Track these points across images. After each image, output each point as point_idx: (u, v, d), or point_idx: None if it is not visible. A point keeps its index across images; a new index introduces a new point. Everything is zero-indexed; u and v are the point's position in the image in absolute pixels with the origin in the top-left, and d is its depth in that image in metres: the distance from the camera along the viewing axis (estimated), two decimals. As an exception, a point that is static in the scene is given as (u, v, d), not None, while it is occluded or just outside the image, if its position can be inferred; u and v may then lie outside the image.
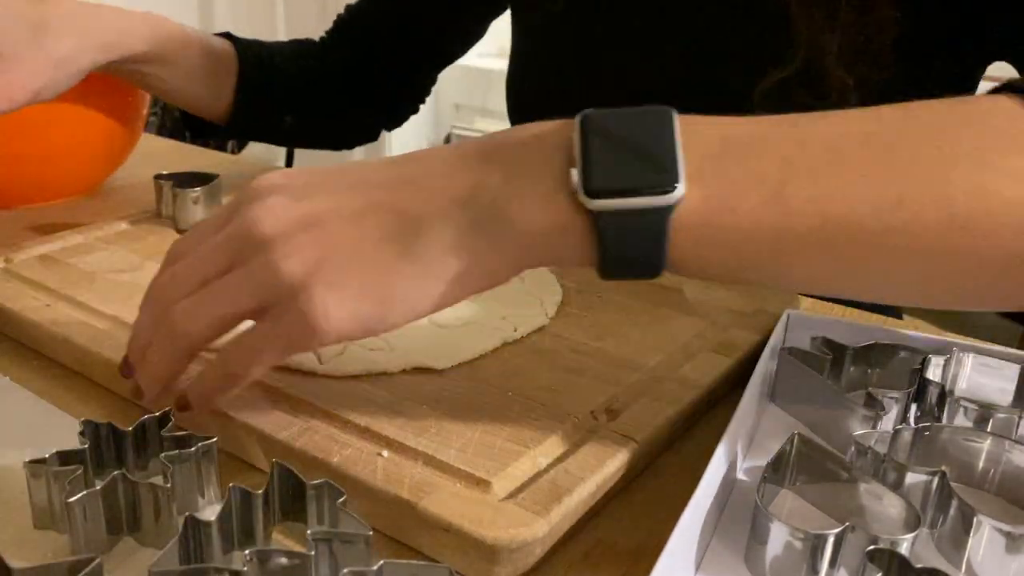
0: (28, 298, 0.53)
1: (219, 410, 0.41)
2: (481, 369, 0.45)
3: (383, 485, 0.35)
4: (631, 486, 0.40)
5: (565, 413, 0.41)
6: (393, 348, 0.46)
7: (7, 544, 0.34)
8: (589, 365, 0.46)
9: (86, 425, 0.37)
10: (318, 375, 0.44)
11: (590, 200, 0.34)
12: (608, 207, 0.34)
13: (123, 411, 0.44)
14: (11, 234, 0.66)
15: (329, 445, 0.38)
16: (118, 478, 0.34)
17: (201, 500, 0.36)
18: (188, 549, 0.32)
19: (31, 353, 0.50)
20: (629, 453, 0.38)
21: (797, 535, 0.33)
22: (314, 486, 0.34)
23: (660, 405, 0.42)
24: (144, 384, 0.40)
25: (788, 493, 0.39)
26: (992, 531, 0.34)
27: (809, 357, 0.46)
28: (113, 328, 0.49)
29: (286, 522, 0.35)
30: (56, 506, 0.34)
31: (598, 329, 0.50)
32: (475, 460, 0.37)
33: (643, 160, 0.34)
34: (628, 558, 0.35)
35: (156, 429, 0.38)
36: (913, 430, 0.40)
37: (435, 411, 0.41)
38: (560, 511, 0.34)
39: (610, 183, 0.34)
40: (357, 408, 0.41)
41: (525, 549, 0.33)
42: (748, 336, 0.50)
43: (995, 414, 0.42)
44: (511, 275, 0.37)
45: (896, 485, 0.37)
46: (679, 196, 0.34)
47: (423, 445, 0.38)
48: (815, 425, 0.44)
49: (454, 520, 0.33)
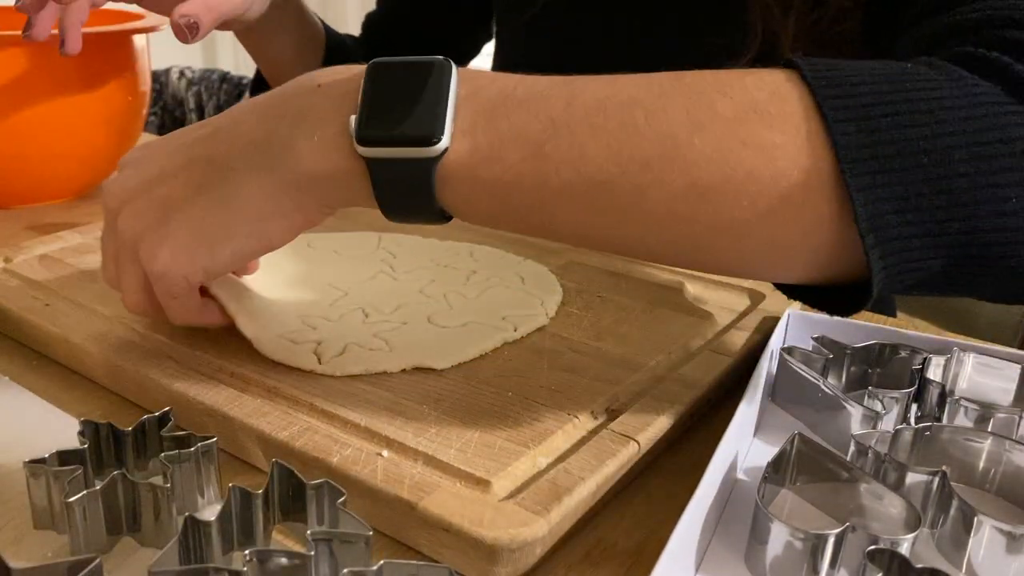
0: (28, 298, 0.53)
1: (219, 410, 0.41)
2: (481, 369, 0.45)
3: (383, 485, 0.35)
4: (631, 486, 0.39)
5: (565, 413, 0.41)
6: (393, 348, 0.46)
7: (7, 544, 0.34)
8: (589, 365, 0.46)
9: (86, 425, 0.37)
10: (318, 375, 0.44)
11: (360, 147, 0.37)
12: (376, 155, 0.37)
13: (123, 411, 0.44)
14: (11, 234, 0.66)
15: (329, 445, 0.38)
16: (118, 478, 0.34)
17: (201, 500, 0.36)
18: (188, 549, 0.31)
19: (31, 353, 0.50)
20: (629, 453, 0.38)
21: (797, 535, 0.32)
22: (314, 486, 0.34)
23: (660, 405, 0.42)
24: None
25: (788, 493, 0.39)
26: (993, 531, 0.34)
27: (809, 357, 0.46)
28: (113, 328, 0.49)
29: (286, 522, 0.35)
30: (56, 506, 0.34)
31: (598, 329, 0.50)
32: (475, 460, 0.37)
33: (412, 112, 0.36)
34: (628, 558, 0.35)
35: (156, 429, 0.38)
36: (913, 430, 0.40)
37: (435, 411, 0.41)
38: (560, 511, 0.34)
39: (377, 131, 0.36)
40: (357, 408, 0.41)
41: (525, 549, 0.33)
42: (748, 336, 0.50)
43: (995, 414, 0.42)
44: (319, 214, 0.41)
45: (896, 485, 0.37)
46: (441, 149, 0.36)
47: (423, 445, 0.38)
48: (815, 425, 0.44)
49: (454, 520, 0.33)
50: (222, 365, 0.45)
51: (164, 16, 0.64)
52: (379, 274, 0.57)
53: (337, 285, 0.54)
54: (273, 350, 0.45)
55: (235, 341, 0.46)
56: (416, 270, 0.58)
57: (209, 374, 0.44)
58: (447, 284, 0.55)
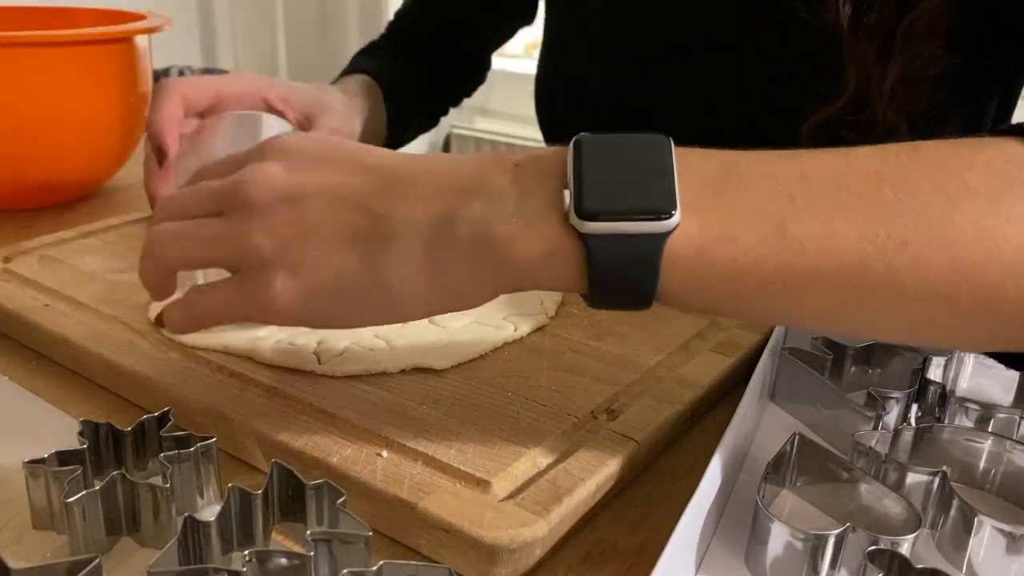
0: (28, 298, 0.53)
1: (218, 410, 0.41)
2: (481, 369, 0.45)
3: (383, 485, 0.35)
4: (631, 486, 0.39)
5: (565, 413, 0.41)
6: (393, 348, 0.46)
7: (6, 544, 0.34)
8: (589, 365, 0.46)
9: (85, 425, 0.37)
10: (318, 375, 0.44)
11: (583, 223, 0.32)
12: (601, 230, 0.32)
13: (122, 411, 0.44)
14: (11, 234, 0.66)
15: (328, 445, 0.38)
16: (117, 478, 0.34)
17: (200, 500, 0.36)
18: (187, 549, 0.31)
19: (31, 353, 0.50)
20: (629, 453, 0.38)
21: (798, 535, 0.32)
22: (313, 486, 0.34)
23: (660, 405, 0.42)
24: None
25: (789, 493, 0.39)
26: (993, 531, 0.34)
27: (809, 357, 0.46)
28: (113, 328, 0.49)
29: (285, 522, 0.35)
30: (55, 506, 0.34)
31: (598, 329, 0.50)
32: (475, 460, 0.37)
33: (639, 184, 0.33)
34: (628, 558, 0.35)
35: (155, 429, 0.38)
36: (914, 430, 0.40)
37: (435, 411, 0.41)
38: (560, 511, 0.34)
39: (604, 205, 0.32)
40: (357, 408, 0.41)
41: (525, 550, 0.33)
42: (748, 336, 0.50)
43: (996, 414, 0.42)
44: (485, 300, 0.36)
45: (897, 485, 0.36)
46: (675, 223, 0.32)
47: (423, 445, 0.38)
48: (815, 425, 0.44)
49: (454, 521, 0.33)
50: (222, 365, 0.45)
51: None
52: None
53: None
54: (272, 356, 0.45)
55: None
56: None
57: (209, 374, 0.44)
58: (447, 284, 0.55)
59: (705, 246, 0.33)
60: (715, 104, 0.66)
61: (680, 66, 0.68)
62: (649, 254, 0.33)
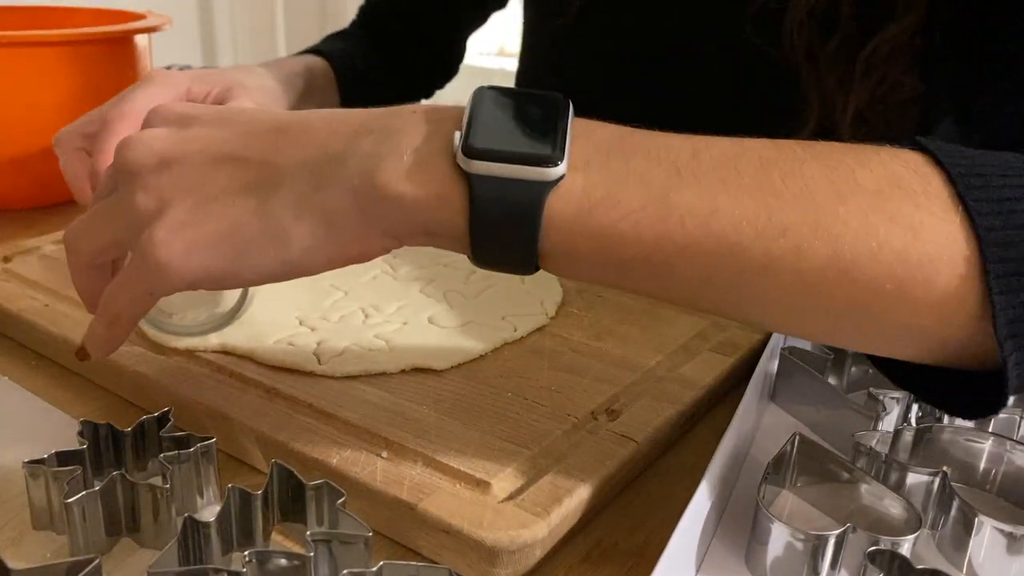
0: (28, 298, 0.53)
1: (218, 411, 0.41)
2: (481, 369, 0.45)
3: (382, 486, 0.35)
4: (631, 486, 0.39)
5: (565, 414, 0.41)
6: (393, 348, 0.46)
7: (6, 544, 0.34)
8: (589, 365, 0.46)
9: (85, 425, 0.37)
10: (317, 375, 0.44)
11: (469, 161, 0.32)
12: (485, 171, 0.32)
13: (122, 412, 0.44)
14: (11, 234, 0.66)
15: (328, 446, 0.38)
16: (117, 479, 0.34)
17: (200, 501, 0.36)
18: (187, 550, 0.31)
19: (31, 353, 0.50)
20: (629, 453, 0.38)
21: (798, 536, 0.32)
22: (313, 487, 0.34)
23: (660, 405, 0.42)
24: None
25: (789, 494, 0.39)
26: (993, 532, 0.34)
27: (810, 357, 0.46)
28: (112, 328, 0.49)
29: (285, 523, 0.35)
30: (55, 506, 0.34)
31: (598, 329, 0.50)
32: (474, 461, 0.37)
33: (529, 133, 0.33)
34: (628, 559, 0.35)
35: (155, 430, 0.38)
36: (914, 430, 0.40)
37: (435, 411, 0.41)
38: (560, 512, 0.34)
39: (490, 145, 0.32)
40: (357, 408, 0.41)
41: (525, 551, 0.33)
42: (748, 336, 0.50)
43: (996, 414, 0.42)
44: (379, 249, 0.35)
45: (897, 486, 0.36)
46: (559, 173, 0.32)
47: (422, 446, 0.38)
48: (816, 425, 0.44)
49: (454, 521, 0.33)
50: (222, 365, 0.45)
51: None
52: (379, 274, 0.57)
53: (337, 285, 0.54)
54: (271, 357, 0.45)
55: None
56: (416, 270, 0.58)
57: (209, 374, 0.44)
58: (447, 284, 0.55)
59: (587, 207, 0.32)
60: (715, 104, 0.66)
61: (680, 66, 0.68)
62: (531, 202, 0.32)
